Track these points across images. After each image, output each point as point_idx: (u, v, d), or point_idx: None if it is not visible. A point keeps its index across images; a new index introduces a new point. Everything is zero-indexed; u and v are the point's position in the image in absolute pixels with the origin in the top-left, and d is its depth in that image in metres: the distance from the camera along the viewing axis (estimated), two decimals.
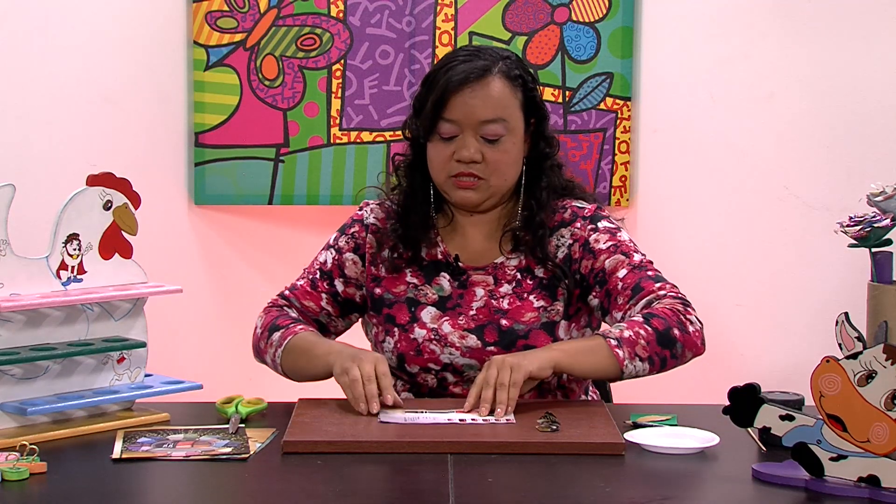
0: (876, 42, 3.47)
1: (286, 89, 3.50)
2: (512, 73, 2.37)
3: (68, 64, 3.41)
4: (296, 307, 2.46)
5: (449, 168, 2.36)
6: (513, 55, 2.41)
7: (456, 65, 2.35)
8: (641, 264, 2.35)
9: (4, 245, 2.10)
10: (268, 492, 1.87)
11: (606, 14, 3.49)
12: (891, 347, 1.78)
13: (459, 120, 2.34)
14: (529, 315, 2.37)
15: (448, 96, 2.33)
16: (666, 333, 2.23)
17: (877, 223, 2.70)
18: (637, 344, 2.22)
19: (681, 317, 2.26)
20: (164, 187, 3.50)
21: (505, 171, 2.37)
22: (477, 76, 2.33)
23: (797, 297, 3.52)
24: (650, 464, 2.00)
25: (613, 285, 2.34)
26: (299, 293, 2.47)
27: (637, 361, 2.22)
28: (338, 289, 2.46)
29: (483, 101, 2.33)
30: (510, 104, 2.36)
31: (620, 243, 2.38)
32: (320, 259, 2.49)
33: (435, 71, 2.39)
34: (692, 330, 2.26)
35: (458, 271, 2.42)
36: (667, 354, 2.24)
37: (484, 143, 2.34)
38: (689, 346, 2.26)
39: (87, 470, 1.97)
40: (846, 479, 1.83)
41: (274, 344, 2.37)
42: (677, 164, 3.55)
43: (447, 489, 1.84)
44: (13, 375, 2.12)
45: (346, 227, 2.50)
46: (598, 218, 2.42)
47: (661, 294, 2.30)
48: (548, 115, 2.45)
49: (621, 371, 2.22)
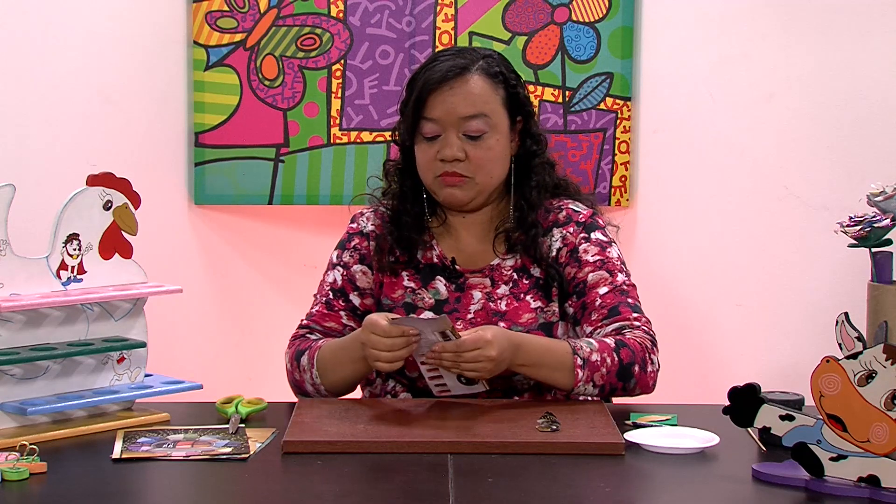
0: (876, 42, 3.47)
1: (286, 89, 3.50)
2: (492, 71, 2.38)
3: (68, 64, 3.40)
4: (317, 331, 2.44)
5: (434, 168, 2.37)
6: (495, 54, 2.42)
7: (436, 65, 2.37)
8: (624, 287, 2.36)
9: (4, 245, 2.10)
10: (268, 492, 1.87)
11: (606, 14, 3.49)
12: (891, 347, 1.78)
13: (440, 118, 2.34)
14: (527, 316, 2.36)
15: (427, 95, 2.34)
16: (628, 368, 2.26)
17: (877, 223, 2.71)
18: (598, 371, 2.24)
19: (646, 354, 2.29)
20: (164, 187, 3.49)
21: (490, 168, 2.37)
22: (455, 73, 2.35)
23: (797, 297, 3.52)
24: (650, 464, 1.99)
25: (591, 300, 2.35)
26: (317, 318, 2.45)
27: (590, 386, 2.25)
28: (354, 303, 2.44)
29: (463, 98, 2.34)
30: (491, 100, 2.36)
31: (608, 260, 2.39)
32: (328, 280, 2.47)
33: (416, 73, 2.40)
34: (650, 370, 2.29)
35: (455, 274, 2.41)
36: (619, 386, 2.27)
37: (467, 141, 2.34)
38: (640, 385, 2.29)
39: (87, 470, 1.97)
40: (846, 479, 1.83)
41: (306, 368, 2.35)
42: (677, 164, 3.55)
43: (447, 489, 1.84)
44: (13, 375, 2.12)
45: (344, 243, 2.49)
46: (592, 227, 2.42)
47: (635, 325, 2.32)
48: (534, 113, 2.45)
49: (572, 389, 2.26)
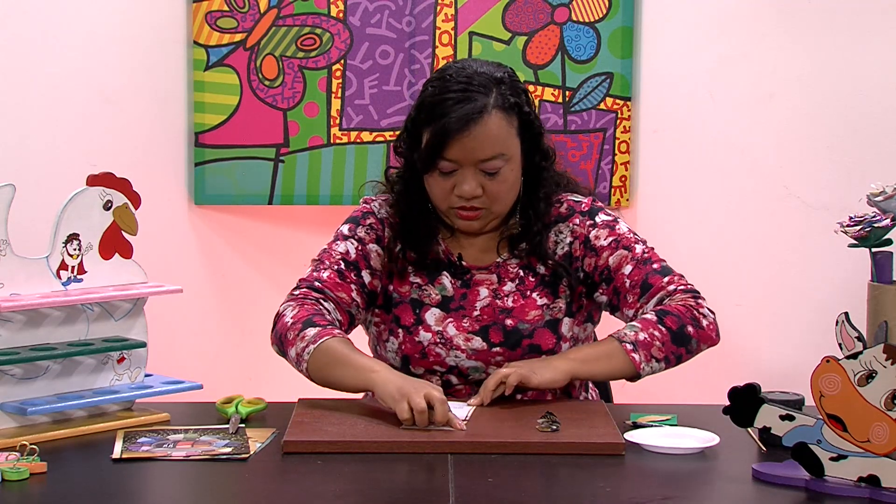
0: (876, 42, 3.47)
1: (286, 89, 3.50)
2: (508, 104, 2.31)
3: (68, 64, 3.40)
4: (331, 299, 2.35)
5: (450, 200, 2.34)
6: (505, 76, 2.34)
7: (452, 104, 2.28)
8: (644, 256, 2.36)
9: (4, 245, 2.10)
10: (268, 492, 1.87)
11: (606, 14, 3.49)
12: (891, 347, 1.78)
13: (458, 159, 2.30)
14: (533, 313, 2.36)
15: (447, 140, 2.28)
16: (680, 332, 2.26)
17: (877, 223, 2.71)
18: (653, 346, 2.24)
19: (694, 312, 2.29)
20: (164, 187, 3.49)
21: (505, 198, 2.35)
22: (476, 119, 2.27)
23: (797, 297, 3.52)
24: (650, 464, 2.00)
25: (620, 283, 2.35)
26: (330, 284, 2.35)
27: (654, 363, 2.25)
28: (365, 280, 2.39)
29: (482, 143, 2.29)
30: (508, 136, 2.32)
31: (621, 237, 2.38)
32: (339, 249, 2.39)
33: (431, 104, 2.30)
34: (706, 324, 2.30)
35: (462, 270, 2.41)
36: (682, 352, 2.27)
37: (484, 176, 2.31)
38: (703, 340, 2.30)
39: (87, 470, 1.97)
40: (846, 479, 1.83)
41: (307, 339, 2.24)
42: (677, 164, 3.55)
43: (447, 489, 1.84)
44: (13, 375, 2.11)
45: (359, 219, 2.43)
46: (595, 212, 2.42)
47: (670, 289, 2.32)
48: (543, 131, 2.40)
49: (638, 373, 2.26)
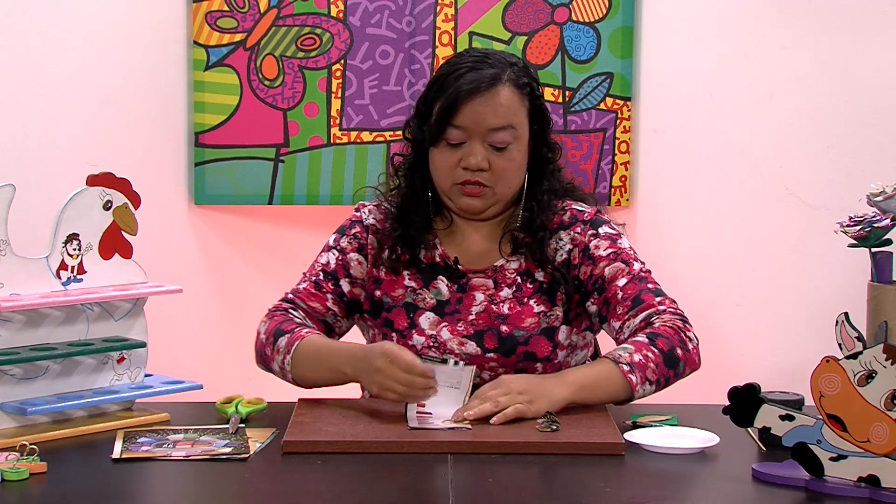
0: (876, 42, 3.47)
1: (286, 89, 3.50)
2: (521, 82, 2.36)
3: (68, 64, 3.40)
4: (301, 308, 2.41)
5: (455, 175, 2.35)
6: (519, 61, 2.40)
7: (465, 71, 2.33)
8: (641, 274, 2.35)
9: (4, 245, 2.10)
10: (268, 492, 1.87)
11: (606, 14, 3.49)
12: (891, 347, 1.78)
13: (468, 127, 2.32)
14: (530, 321, 2.36)
15: (458, 104, 2.31)
16: (671, 354, 2.25)
17: (877, 223, 2.71)
18: (647, 368, 2.22)
19: (681, 335, 2.27)
20: (164, 187, 3.49)
21: (510, 178, 2.36)
22: (488, 85, 2.32)
23: (797, 297, 3.52)
24: (650, 464, 2.00)
25: (612, 294, 2.34)
26: (303, 295, 2.42)
27: (647, 385, 2.23)
28: (343, 289, 2.42)
29: (493, 110, 2.32)
30: (518, 112, 2.35)
31: (621, 251, 2.38)
32: (321, 261, 2.45)
33: (443, 76, 2.36)
34: (691, 347, 2.28)
35: (458, 274, 2.41)
36: (671, 374, 2.26)
37: (491, 151, 2.33)
38: (689, 364, 2.28)
39: (87, 470, 1.97)
40: (846, 479, 1.83)
41: (281, 350, 2.31)
42: (677, 164, 3.55)
43: (447, 489, 1.84)
44: (13, 375, 2.12)
45: (345, 229, 2.47)
46: (598, 223, 2.42)
47: (660, 309, 2.31)
48: (551, 121, 2.44)
49: (633, 395, 2.23)
